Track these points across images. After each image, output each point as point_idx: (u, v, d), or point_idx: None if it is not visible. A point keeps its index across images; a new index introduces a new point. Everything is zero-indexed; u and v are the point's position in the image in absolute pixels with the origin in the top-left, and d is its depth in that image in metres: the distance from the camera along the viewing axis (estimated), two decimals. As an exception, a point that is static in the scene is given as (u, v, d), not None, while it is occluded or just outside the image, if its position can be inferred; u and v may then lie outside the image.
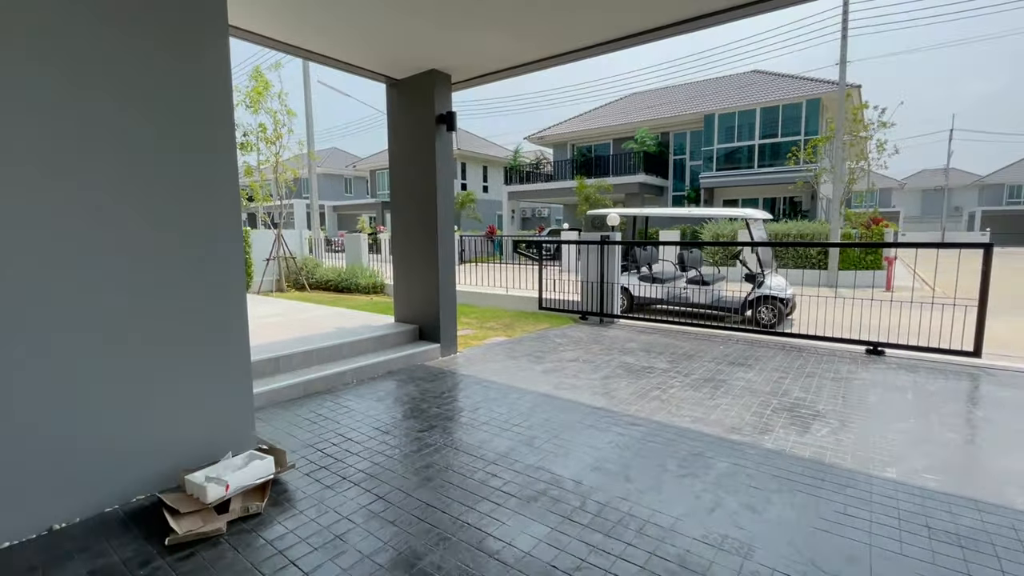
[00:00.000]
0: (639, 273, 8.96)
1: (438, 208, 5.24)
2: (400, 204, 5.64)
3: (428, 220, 5.33)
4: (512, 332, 6.86)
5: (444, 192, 5.32)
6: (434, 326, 5.42)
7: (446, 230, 5.38)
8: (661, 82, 36.80)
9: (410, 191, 5.50)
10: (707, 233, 15.74)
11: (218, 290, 2.76)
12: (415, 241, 5.52)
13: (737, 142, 19.91)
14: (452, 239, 5.49)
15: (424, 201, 5.35)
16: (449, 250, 5.44)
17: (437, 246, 5.29)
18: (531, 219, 35.91)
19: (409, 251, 5.62)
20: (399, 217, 5.68)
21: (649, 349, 5.78)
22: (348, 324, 5.73)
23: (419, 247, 5.48)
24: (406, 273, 5.69)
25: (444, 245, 5.37)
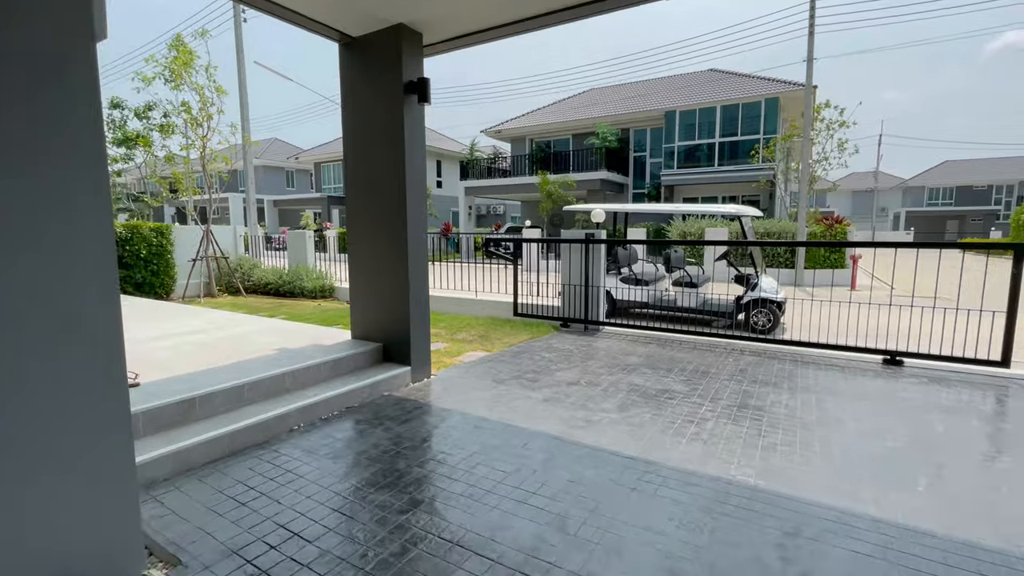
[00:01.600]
0: (620, 274, 8.24)
1: (407, 198, 4.21)
2: (358, 194, 4.56)
3: (394, 213, 4.29)
4: (490, 345, 5.91)
5: (415, 178, 4.29)
6: (403, 344, 4.38)
7: (417, 225, 4.35)
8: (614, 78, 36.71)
9: (371, 177, 4.43)
10: (673, 231, 15.38)
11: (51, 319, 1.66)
12: (378, 239, 4.46)
13: (698, 139, 19.80)
14: (424, 236, 4.48)
15: (389, 190, 4.30)
16: (421, 250, 4.42)
17: (406, 245, 4.26)
18: (487, 216, 34.96)
19: (370, 252, 4.55)
20: (358, 210, 4.59)
21: (653, 364, 5.01)
22: (292, 343, 4.58)
23: (383, 246, 4.43)
24: (366, 279, 4.62)
25: (415, 243, 4.34)
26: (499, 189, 23.14)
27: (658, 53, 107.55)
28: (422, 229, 4.41)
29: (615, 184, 21.39)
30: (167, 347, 4.36)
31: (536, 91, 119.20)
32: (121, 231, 9.58)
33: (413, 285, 4.33)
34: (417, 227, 4.34)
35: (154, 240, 10.03)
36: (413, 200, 4.27)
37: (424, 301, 4.48)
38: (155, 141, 10.78)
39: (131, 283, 9.72)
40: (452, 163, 31.61)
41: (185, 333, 4.97)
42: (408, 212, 4.22)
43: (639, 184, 22.41)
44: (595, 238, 6.85)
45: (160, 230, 10.20)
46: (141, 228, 9.90)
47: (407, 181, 4.19)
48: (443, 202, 30.78)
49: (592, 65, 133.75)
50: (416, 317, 4.39)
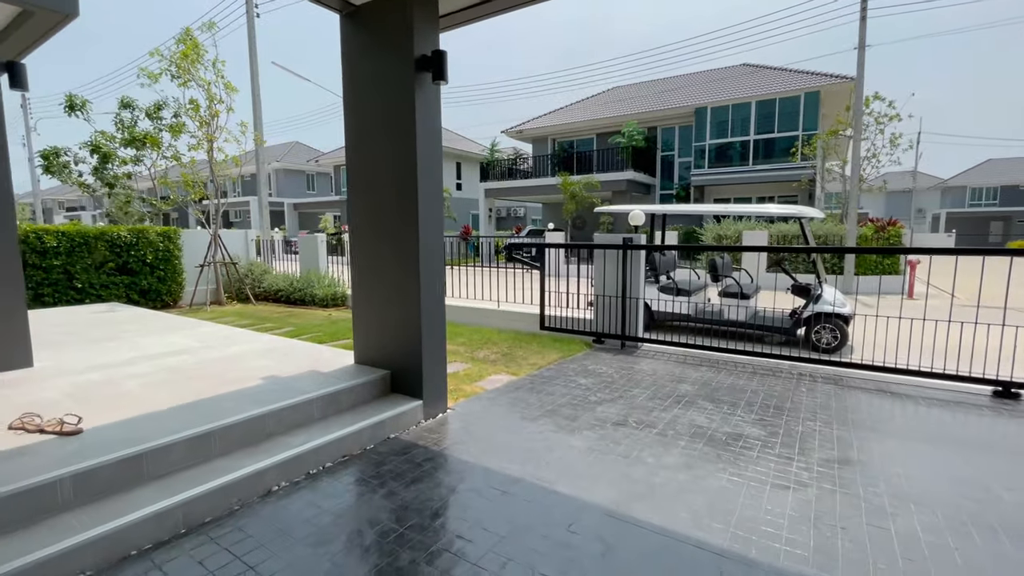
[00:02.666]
0: (659, 283, 7.40)
1: (419, 197, 3.49)
2: (361, 193, 3.86)
3: (403, 215, 3.57)
4: (516, 366, 5.14)
5: (429, 173, 3.56)
6: (413, 372, 3.65)
7: (432, 230, 3.62)
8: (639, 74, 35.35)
9: (376, 173, 3.72)
10: (708, 235, 14.41)
11: None
12: (384, 247, 3.75)
13: (731, 137, 18.74)
14: (440, 244, 3.74)
15: (398, 187, 3.57)
16: (436, 260, 3.68)
17: (418, 254, 3.53)
18: (507, 219, 34.27)
19: (375, 262, 3.84)
20: (360, 212, 3.89)
21: (713, 395, 4.17)
22: (286, 368, 3.89)
23: (390, 256, 3.71)
24: (370, 295, 3.90)
25: (429, 252, 3.61)
26: (520, 191, 22.39)
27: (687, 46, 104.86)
28: (437, 234, 3.68)
29: (642, 185, 20.45)
30: (138, 374, 3.72)
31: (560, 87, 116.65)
32: (126, 235, 9.12)
33: (426, 302, 3.60)
34: (432, 232, 3.61)
35: (160, 245, 9.55)
36: (427, 199, 3.54)
37: (439, 321, 3.75)
38: (165, 142, 10.33)
39: (136, 290, 9.25)
40: (472, 165, 31.02)
41: (166, 355, 4.33)
42: (421, 214, 3.49)
43: (667, 185, 21.41)
44: (634, 243, 6.04)
45: (167, 234, 9.73)
46: (147, 232, 9.43)
47: (419, 176, 3.46)
48: (463, 204, 30.19)
49: (616, 60, 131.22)
50: (430, 341, 3.65)
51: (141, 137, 9.72)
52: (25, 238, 7.96)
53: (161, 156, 10.36)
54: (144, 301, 9.39)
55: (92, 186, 10.37)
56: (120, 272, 9.08)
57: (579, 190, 18.42)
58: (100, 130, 10.20)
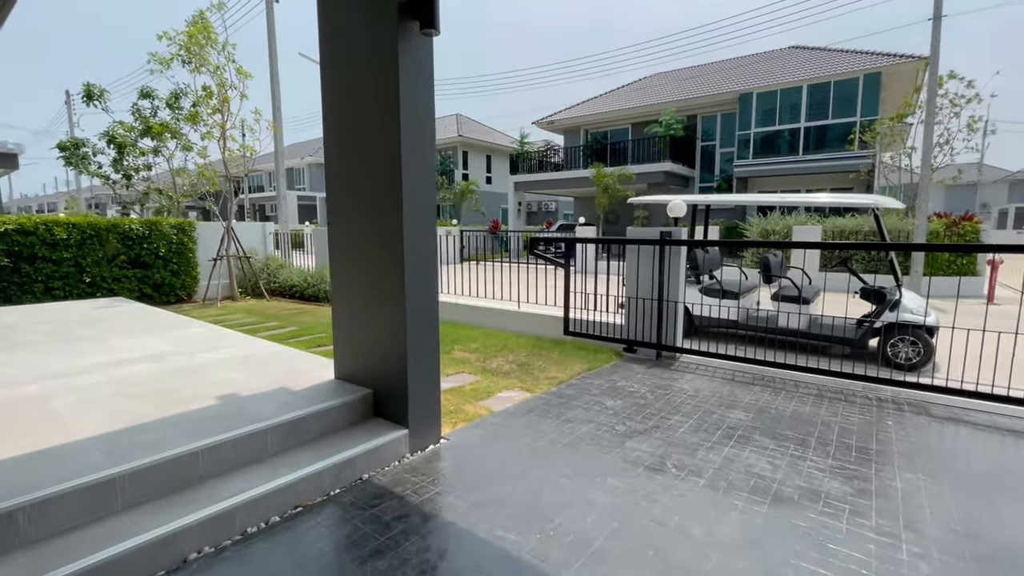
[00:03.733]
0: (700, 283, 6.51)
1: (403, 179, 2.79)
2: (338, 180, 3.20)
3: (385, 203, 2.88)
4: (532, 380, 4.41)
5: (416, 150, 2.86)
6: (398, 393, 2.97)
7: (420, 221, 2.92)
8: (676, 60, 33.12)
9: (354, 153, 3.05)
10: (753, 229, 13.26)
11: None
12: (363, 242, 3.08)
13: (778, 125, 17.34)
14: (432, 237, 3.04)
15: (378, 168, 2.89)
16: (426, 256, 2.99)
17: (402, 250, 2.84)
18: (537, 213, 33.46)
19: (354, 260, 3.18)
20: (338, 203, 3.23)
21: (773, 427, 3.34)
22: (256, 382, 3.29)
23: (371, 253, 3.04)
24: (349, 298, 3.25)
25: (416, 248, 2.91)
26: (551, 184, 21.53)
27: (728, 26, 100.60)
28: (428, 229, 2.98)
29: (680, 177, 19.26)
30: (81, 388, 3.18)
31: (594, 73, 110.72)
32: (138, 228, 8.85)
33: (413, 310, 2.91)
34: (420, 226, 2.91)
35: (174, 237, 9.26)
36: (414, 182, 2.85)
37: (431, 333, 3.05)
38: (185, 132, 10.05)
39: (149, 284, 8.98)
40: (502, 158, 30.33)
41: (130, 362, 3.81)
42: (406, 201, 2.80)
43: (707, 177, 20.14)
44: (673, 238, 5.20)
45: (181, 226, 9.43)
46: (160, 224, 9.15)
47: (403, 153, 2.76)
48: (492, 199, 29.55)
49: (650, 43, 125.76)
50: (419, 356, 2.96)
51: (157, 128, 9.42)
52: (35, 230, 7.75)
53: (179, 147, 10.08)
54: (158, 295, 9.12)
55: (112, 178, 10.23)
56: (132, 265, 8.82)
57: (613, 182, 17.45)
58: (119, 120, 10.02)
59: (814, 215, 13.85)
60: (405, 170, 2.78)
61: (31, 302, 7.70)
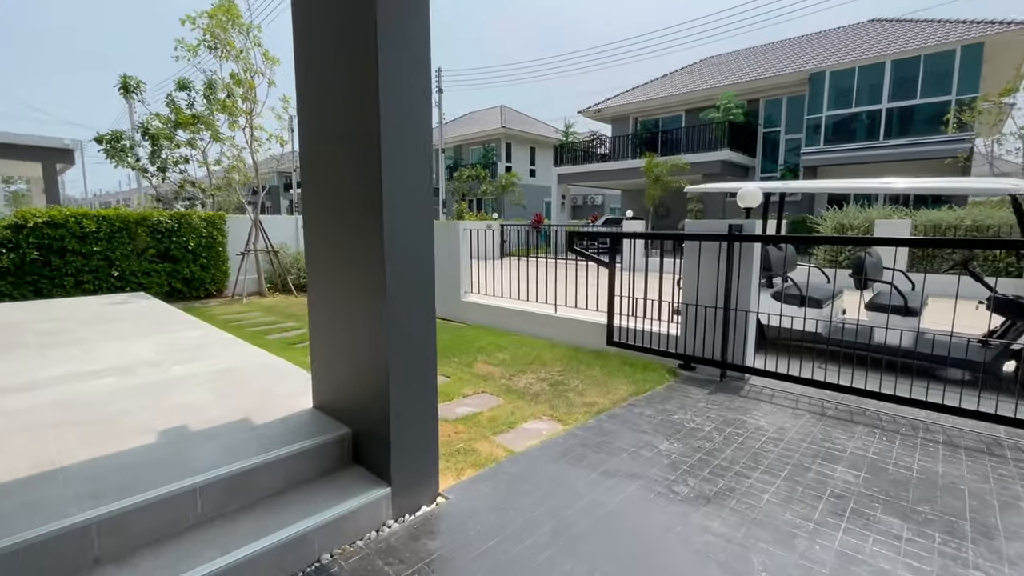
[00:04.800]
0: (772, 287, 5.47)
1: (383, 169, 2.04)
2: (310, 160, 2.50)
3: (361, 199, 2.15)
4: (566, 406, 3.60)
5: (402, 138, 2.09)
6: (379, 435, 2.24)
7: (408, 225, 2.15)
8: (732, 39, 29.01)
9: (326, 131, 2.34)
10: (827, 224, 11.79)
11: None
12: (338, 250, 2.37)
13: (855, 107, 15.52)
14: (426, 238, 2.27)
15: (354, 151, 2.16)
16: (416, 268, 2.22)
17: (381, 253, 2.09)
18: (583, 207, 32.33)
19: (328, 267, 2.48)
20: (311, 200, 2.54)
21: (898, 501, 2.38)
22: (212, 413, 2.67)
23: (345, 261, 2.33)
24: (325, 311, 2.55)
25: (401, 251, 2.15)
26: (597, 175, 20.43)
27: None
28: (419, 234, 2.22)
29: (738, 167, 17.72)
30: (13, 411, 2.64)
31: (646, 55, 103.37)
32: (168, 221, 8.65)
33: (397, 333, 2.16)
34: (408, 231, 2.16)
35: (204, 231, 9.03)
36: (400, 179, 2.09)
37: (424, 359, 2.30)
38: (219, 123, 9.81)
39: (179, 278, 8.79)
40: (546, 150, 29.36)
41: (94, 374, 3.29)
42: (386, 197, 2.05)
43: (769, 166, 18.47)
44: (744, 233, 4.23)
45: (212, 220, 9.20)
46: (190, 217, 8.93)
47: (382, 134, 2.01)
48: (536, 192, 28.68)
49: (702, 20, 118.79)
50: (406, 390, 2.22)
51: (189, 119, 9.21)
52: (65, 222, 7.64)
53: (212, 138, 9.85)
54: (187, 290, 8.93)
55: (149, 170, 10.20)
56: (162, 259, 8.65)
57: (664, 173, 16.21)
58: (155, 112, 9.95)
59: (900, 207, 12.18)
60: (386, 150, 2.03)
61: (61, 296, 7.61)
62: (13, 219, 7.28)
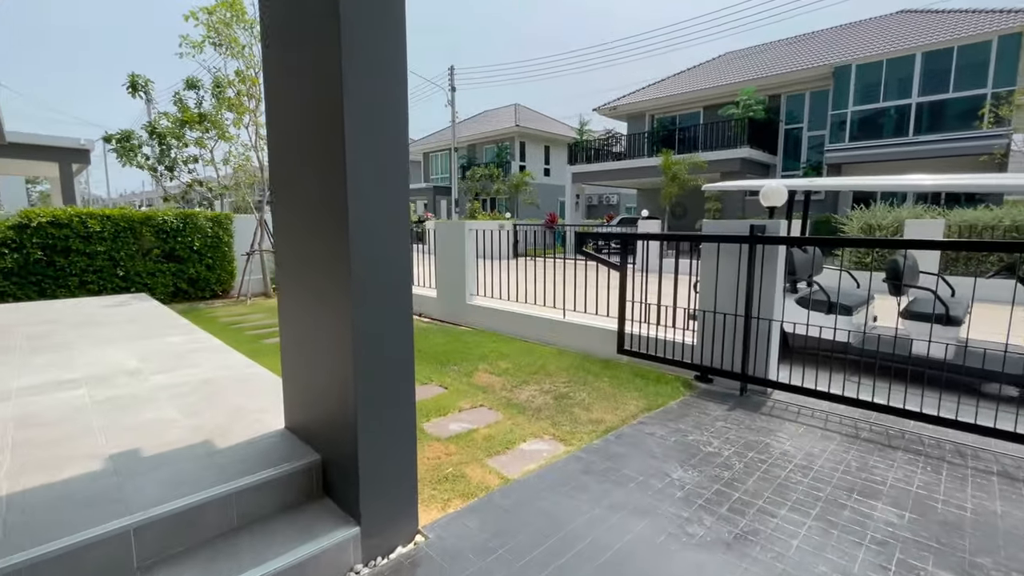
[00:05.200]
0: (795, 292, 5.09)
1: (347, 165, 1.76)
2: (274, 150, 2.24)
3: (323, 199, 1.88)
4: (571, 423, 3.29)
5: (370, 124, 1.81)
6: (347, 465, 1.96)
7: (379, 227, 1.87)
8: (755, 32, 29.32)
9: (287, 124, 2.07)
10: (854, 224, 11.26)
11: None
12: (302, 254, 2.12)
13: (883, 102, 14.87)
14: (401, 247, 1.98)
15: (315, 135, 1.89)
16: (387, 263, 1.94)
17: (348, 263, 1.81)
18: (598, 206, 31.88)
19: (294, 276, 2.23)
20: (276, 198, 2.28)
21: (953, 550, 2.03)
22: (174, 433, 2.43)
23: (310, 268, 2.07)
24: (293, 326, 2.30)
25: (369, 258, 1.87)
26: (612, 174, 20.00)
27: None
28: (394, 237, 1.94)
29: (759, 164, 17.15)
30: (-35, 428, 2.44)
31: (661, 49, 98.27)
32: (173, 220, 8.54)
33: (364, 342, 1.88)
34: (378, 234, 1.88)
35: (209, 230, 8.92)
36: (365, 160, 1.81)
37: (400, 373, 2.02)
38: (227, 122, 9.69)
39: (184, 279, 8.68)
40: (561, 148, 28.96)
41: (63, 385, 3.08)
42: (351, 189, 1.77)
43: (791, 164, 17.84)
44: (766, 235, 3.87)
45: (217, 219, 9.08)
46: (196, 217, 8.82)
47: (346, 125, 1.73)
48: (551, 191, 28.31)
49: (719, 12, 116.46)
50: (374, 409, 1.94)
51: (195, 117, 9.10)
52: (69, 222, 7.57)
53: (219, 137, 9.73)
54: (193, 291, 8.82)
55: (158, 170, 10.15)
56: (167, 259, 8.55)
57: (682, 171, 15.74)
58: (163, 112, 9.86)
59: (930, 206, 11.57)
60: (351, 151, 1.75)
61: (65, 296, 7.54)
62: (17, 219, 7.21)
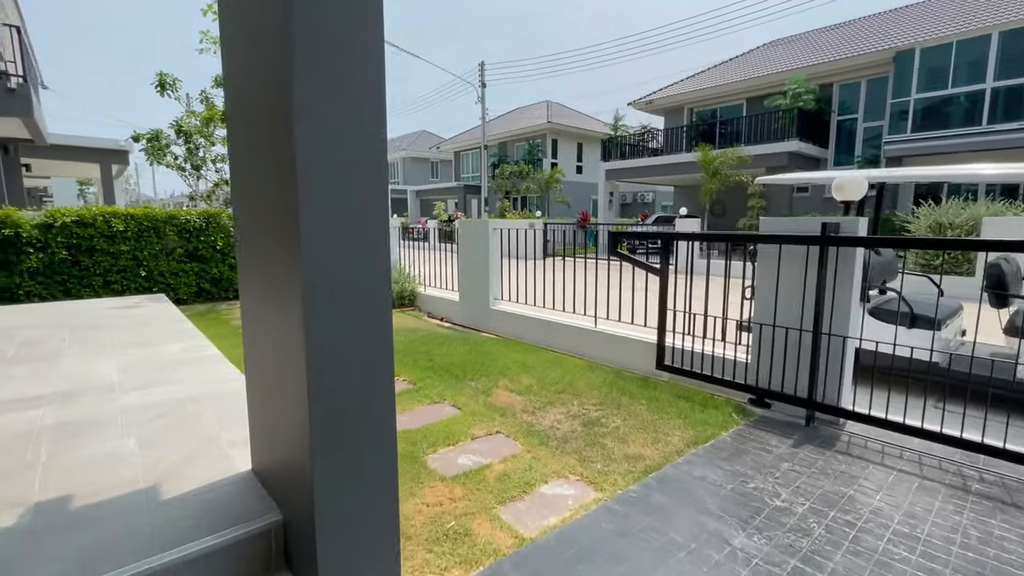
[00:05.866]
0: (867, 301, 4.37)
1: (296, 159, 1.28)
2: (231, 134, 1.80)
3: (278, 201, 1.42)
4: (603, 460, 2.76)
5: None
6: (304, 529, 1.49)
7: (334, 201, 1.39)
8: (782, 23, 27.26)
9: (240, 105, 1.62)
10: (921, 222, 10.21)
11: None
12: (260, 269, 1.67)
13: (952, 88, 13.55)
14: (373, 233, 1.50)
15: (265, 107, 1.42)
16: (355, 268, 1.46)
17: (297, 253, 1.34)
18: (632, 205, 30.96)
19: (251, 297, 1.79)
20: (236, 205, 1.84)
21: None
22: (125, 471, 2.04)
23: (267, 284, 1.62)
24: (255, 340, 1.85)
25: (325, 250, 1.40)
26: (647, 171, 19.16)
27: None
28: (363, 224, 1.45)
29: (808, 159, 16.00)
30: None
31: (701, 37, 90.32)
32: (196, 220, 8.42)
33: (323, 370, 1.41)
34: (332, 215, 1.40)
35: (232, 230, 8.76)
36: (324, 139, 1.33)
37: (372, 412, 1.53)
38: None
39: (207, 279, 8.55)
40: (594, 145, 28.19)
41: (26, 403, 2.76)
42: (302, 174, 1.30)
43: (843, 158, 16.60)
44: (844, 235, 3.22)
45: (241, 219, 8.91)
46: (219, 216, 8.68)
47: (294, 106, 1.26)
48: (583, 189, 27.59)
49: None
50: (335, 458, 1.47)
51: (220, 114, 8.97)
52: (93, 221, 7.51)
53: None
54: (216, 291, 8.69)
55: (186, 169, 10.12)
56: (190, 259, 8.43)
57: (723, 166, 14.82)
58: (191, 110, 9.81)
59: (1007, 200, 10.37)
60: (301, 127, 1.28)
61: (90, 296, 7.49)
62: (42, 219, 7.19)
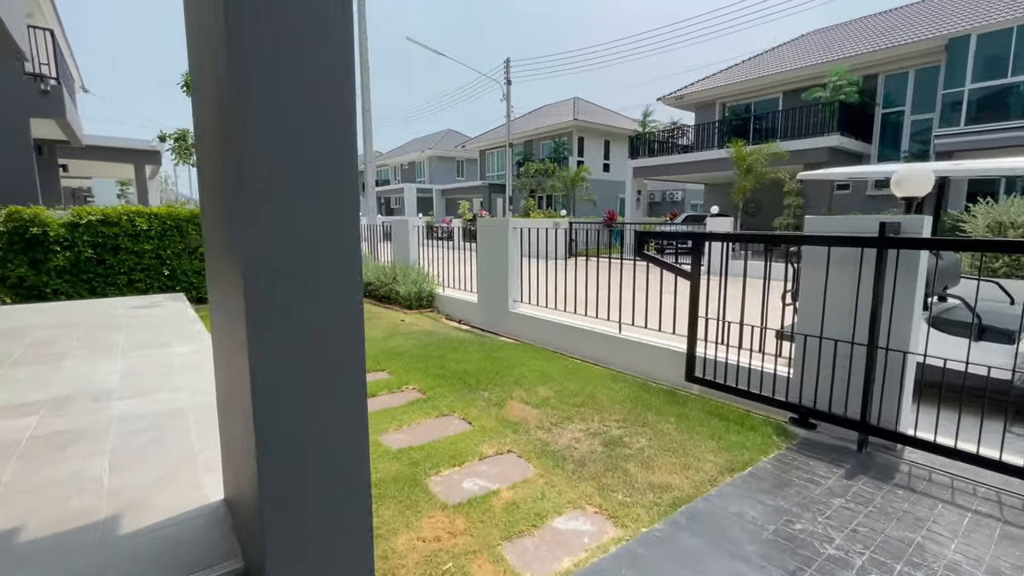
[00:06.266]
0: (927, 311, 3.91)
1: (239, 150, 1.03)
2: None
3: (227, 210, 1.17)
4: (626, 489, 2.45)
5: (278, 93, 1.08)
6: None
7: (287, 195, 1.14)
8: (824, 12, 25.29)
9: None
10: (978, 221, 9.43)
11: None
12: (219, 279, 1.43)
13: (1010, 77, 12.58)
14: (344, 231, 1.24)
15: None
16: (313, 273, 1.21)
17: (242, 257, 1.09)
18: (661, 203, 30.21)
19: (218, 311, 1.56)
20: (203, 207, 1.61)
21: None
22: (88, 500, 1.85)
23: (222, 299, 1.38)
24: (218, 353, 1.63)
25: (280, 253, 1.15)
26: (677, 168, 18.54)
27: None
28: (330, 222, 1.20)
29: (849, 154, 15.14)
30: None
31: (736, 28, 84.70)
32: (218, 219, 8.42)
33: (270, 393, 1.16)
34: (284, 212, 1.14)
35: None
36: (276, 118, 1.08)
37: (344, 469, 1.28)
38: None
39: (229, 278, 8.56)
40: (621, 143, 27.58)
41: (7, 412, 2.63)
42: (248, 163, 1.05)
43: (888, 154, 15.66)
44: (906, 236, 2.82)
45: (262, 218, 8.89)
46: (241, 215, 8.66)
47: (233, 89, 1.01)
48: (610, 187, 27.02)
49: None
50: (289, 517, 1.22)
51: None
52: (119, 220, 7.57)
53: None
54: (237, 290, 8.69)
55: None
56: (212, 258, 8.45)
57: (759, 162, 14.16)
58: (216, 110, 9.87)
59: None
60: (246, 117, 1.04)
61: (115, 294, 7.56)
62: (69, 217, 7.27)
